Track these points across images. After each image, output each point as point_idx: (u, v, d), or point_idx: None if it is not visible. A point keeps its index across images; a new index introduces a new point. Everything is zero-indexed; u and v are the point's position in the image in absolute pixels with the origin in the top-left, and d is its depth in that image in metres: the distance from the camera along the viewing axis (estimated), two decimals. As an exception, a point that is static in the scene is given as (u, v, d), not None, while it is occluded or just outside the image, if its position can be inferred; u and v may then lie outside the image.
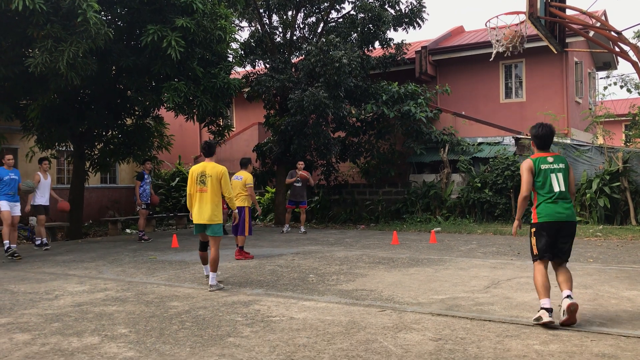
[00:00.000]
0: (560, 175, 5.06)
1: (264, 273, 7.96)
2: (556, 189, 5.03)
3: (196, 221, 6.91)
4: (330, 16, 17.42)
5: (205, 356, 4.17)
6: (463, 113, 17.28)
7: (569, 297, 4.77)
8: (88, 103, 13.84)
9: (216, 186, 6.90)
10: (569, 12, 12.28)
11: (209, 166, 6.93)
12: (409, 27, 17.11)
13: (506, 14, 11.80)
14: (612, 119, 19.99)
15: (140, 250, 11.16)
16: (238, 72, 18.35)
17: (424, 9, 16.91)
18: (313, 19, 17.55)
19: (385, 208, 16.71)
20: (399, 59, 17.36)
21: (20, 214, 10.71)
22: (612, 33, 11.51)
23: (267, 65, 16.49)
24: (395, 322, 5.03)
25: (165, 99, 12.14)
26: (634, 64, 11.27)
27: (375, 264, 8.57)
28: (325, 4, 17.08)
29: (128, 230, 15.84)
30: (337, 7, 17.35)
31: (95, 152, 15.09)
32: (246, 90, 16.45)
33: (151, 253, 10.54)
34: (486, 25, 12.37)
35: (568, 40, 14.54)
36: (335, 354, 4.16)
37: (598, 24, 12.27)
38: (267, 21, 17.08)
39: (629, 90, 22.57)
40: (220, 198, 7.01)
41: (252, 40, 16.73)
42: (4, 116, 12.48)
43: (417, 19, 16.93)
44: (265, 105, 16.81)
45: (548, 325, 4.74)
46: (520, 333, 4.61)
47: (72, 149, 14.70)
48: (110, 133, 14.88)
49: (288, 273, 7.90)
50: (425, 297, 6.08)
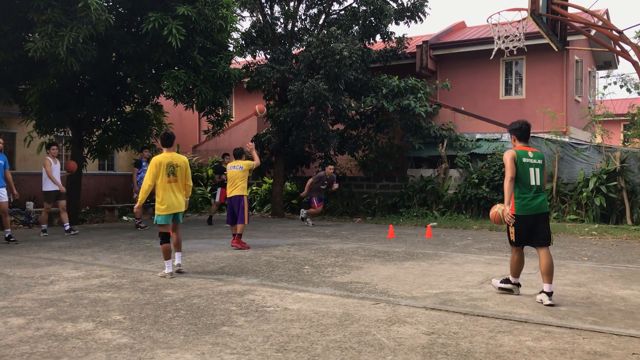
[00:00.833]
0: (537, 171, 5.59)
1: (260, 263, 7.98)
2: (533, 182, 5.54)
3: (172, 210, 7.08)
4: (332, 8, 17.36)
5: (199, 344, 4.20)
6: (462, 109, 17.27)
7: (548, 295, 5.40)
8: (87, 89, 13.81)
9: (183, 175, 7.24)
10: (570, 10, 12.27)
11: (175, 156, 7.20)
12: (410, 21, 17.05)
13: (508, 10, 11.78)
14: (611, 119, 20.02)
15: (136, 237, 11.18)
16: (238, 62, 18.31)
17: (426, 4, 16.85)
18: (315, 10, 17.47)
19: (382, 202, 16.73)
20: (399, 52, 17.29)
21: (7, 200, 10.36)
22: (614, 32, 11.50)
23: (268, 56, 16.43)
24: (389, 315, 5.05)
25: (165, 87, 12.12)
26: (634, 63, 11.27)
27: (371, 257, 8.59)
28: (328, -4, 17.02)
29: (125, 218, 15.84)
30: (339, -1, 17.29)
31: (94, 139, 15.06)
32: (246, 80, 16.40)
33: (147, 241, 10.56)
34: (488, 21, 12.37)
35: (569, 38, 14.51)
36: (329, 345, 4.18)
37: (600, 23, 12.25)
38: (269, 11, 17.01)
39: (628, 90, 22.61)
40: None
41: (253, 31, 16.66)
42: (2, 100, 12.45)
43: (419, 13, 16.87)
44: (265, 95, 16.78)
45: (512, 293, 5.86)
46: (513, 329, 4.64)
47: (70, 135, 14.67)
48: (109, 120, 14.85)
49: (283, 264, 7.92)
50: (420, 291, 6.10)
